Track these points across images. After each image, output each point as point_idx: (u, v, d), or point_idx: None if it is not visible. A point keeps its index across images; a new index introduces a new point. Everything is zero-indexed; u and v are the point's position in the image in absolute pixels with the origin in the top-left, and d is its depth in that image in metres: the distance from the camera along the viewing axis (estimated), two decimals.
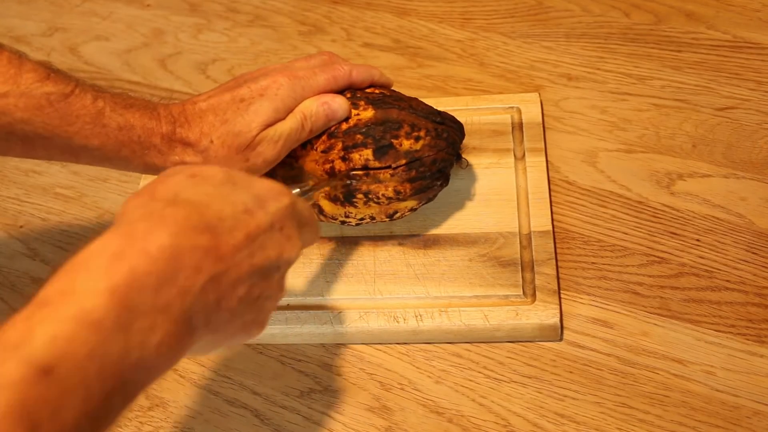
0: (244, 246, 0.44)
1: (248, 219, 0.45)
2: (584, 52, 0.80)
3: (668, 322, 0.62)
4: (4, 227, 0.76)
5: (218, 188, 0.46)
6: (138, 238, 0.40)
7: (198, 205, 0.43)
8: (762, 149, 0.70)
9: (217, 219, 0.43)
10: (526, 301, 0.63)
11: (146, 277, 0.39)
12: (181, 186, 0.45)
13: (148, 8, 0.94)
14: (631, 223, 0.67)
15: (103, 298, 0.37)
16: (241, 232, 0.44)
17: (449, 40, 0.84)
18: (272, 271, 0.47)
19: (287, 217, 0.48)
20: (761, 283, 0.63)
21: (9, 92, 0.54)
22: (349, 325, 0.64)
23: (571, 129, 0.74)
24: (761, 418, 0.57)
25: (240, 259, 0.44)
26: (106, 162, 0.60)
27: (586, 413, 0.59)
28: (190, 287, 0.41)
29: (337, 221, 0.65)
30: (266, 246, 0.46)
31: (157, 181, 0.46)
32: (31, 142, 0.56)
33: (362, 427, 0.61)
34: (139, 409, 0.63)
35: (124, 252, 0.39)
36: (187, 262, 0.41)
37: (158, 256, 0.40)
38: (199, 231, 0.42)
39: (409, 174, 0.62)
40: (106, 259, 0.39)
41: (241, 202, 0.45)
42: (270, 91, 0.61)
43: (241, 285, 0.44)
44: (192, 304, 0.41)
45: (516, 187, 0.69)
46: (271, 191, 0.48)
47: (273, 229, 0.46)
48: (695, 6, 0.81)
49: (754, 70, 0.76)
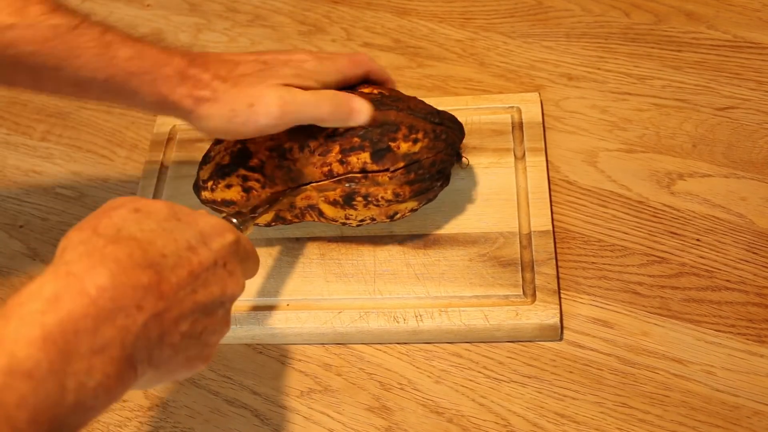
0: (186, 283, 0.44)
1: (191, 256, 0.45)
2: (584, 51, 0.80)
3: (668, 322, 0.62)
4: (4, 227, 0.77)
5: (162, 224, 0.45)
6: (76, 278, 0.40)
7: (141, 242, 0.43)
8: (762, 149, 0.70)
9: (160, 256, 0.43)
10: (526, 301, 0.63)
11: (83, 319, 0.39)
12: (124, 221, 0.45)
13: (148, 8, 0.94)
14: (631, 222, 0.67)
15: (35, 346, 0.37)
16: (184, 269, 0.44)
17: (449, 40, 0.84)
18: (216, 306, 0.47)
19: (230, 253, 0.48)
20: (761, 282, 0.63)
21: (15, 24, 0.54)
22: (349, 325, 0.64)
23: (572, 129, 0.74)
24: (761, 418, 0.57)
25: (183, 296, 0.44)
26: (114, 95, 0.58)
27: (586, 413, 0.59)
28: (130, 326, 0.40)
29: (338, 223, 0.65)
30: (209, 283, 0.46)
31: (100, 213, 0.46)
32: (38, 74, 0.56)
33: (362, 427, 0.61)
34: (139, 409, 0.63)
35: (59, 295, 0.39)
36: (127, 302, 0.41)
37: (97, 297, 0.40)
38: (141, 269, 0.42)
39: (408, 176, 0.62)
40: (40, 304, 0.39)
41: (184, 239, 0.46)
42: (293, 63, 0.61)
43: (183, 321, 0.44)
44: (133, 342, 0.41)
45: (516, 187, 0.69)
46: (214, 228, 0.48)
47: (216, 266, 0.47)
48: (695, 6, 0.81)
49: (754, 70, 0.76)
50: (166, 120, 0.80)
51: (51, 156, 0.81)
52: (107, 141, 0.81)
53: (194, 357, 0.46)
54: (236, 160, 0.64)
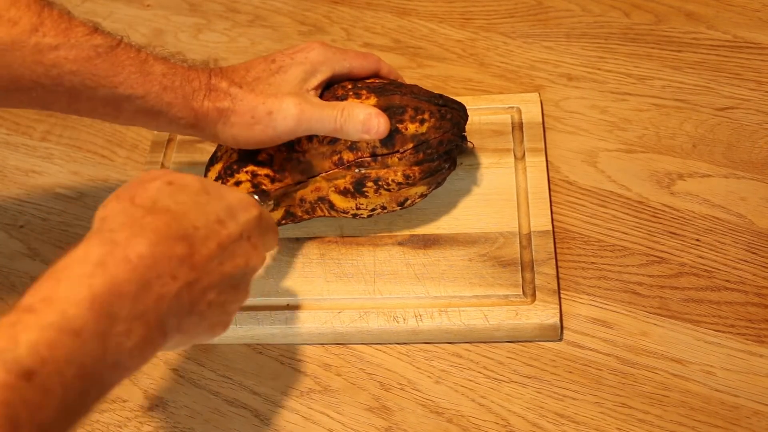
0: (215, 255, 0.47)
1: (220, 229, 0.48)
2: (584, 52, 0.80)
3: (668, 322, 0.62)
4: (4, 227, 0.77)
5: (194, 197, 0.48)
6: (119, 246, 0.43)
7: (175, 214, 0.46)
8: (762, 149, 0.70)
9: (193, 228, 0.46)
10: (526, 300, 0.63)
11: (126, 285, 0.42)
12: (159, 193, 0.47)
13: (148, 8, 0.94)
14: (631, 223, 0.67)
15: (83, 307, 0.40)
16: (213, 241, 0.47)
17: (449, 40, 0.84)
18: (239, 277, 0.50)
19: (255, 227, 0.51)
20: (761, 283, 0.63)
21: (61, 44, 0.56)
22: (349, 325, 0.64)
23: (572, 129, 0.74)
24: (761, 418, 0.57)
25: (212, 267, 0.47)
26: (146, 113, 0.60)
27: (586, 413, 0.59)
28: (165, 294, 0.43)
29: (349, 214, 0.66)
30: (235, 255, 0.49)
31: (135, 184, 0.48)
32: (76, 94, 0.58)
33: (362, 427, 0.61)
34: (139, 409, 0.63)
35: (105, 260, 0.42)
36: (164, 270, 0.43)
37: (138, 264, 0.42)
38: (176, 240, 0.45)
39: (417, 157, 0.63)
40: (88, 268, 0.41)
41: (214, 212, 0.48)
42: (300, 56, 0.63)
43: (211, 291, 0.47)
44: (167, 309, 0.43)
45: (516, 187, 0.69)
46: (241, 202, 0.51)
47: (242, 239, 0.50)
48: (695, 6, 0.81)
49: (754, 70, 0.76)
50: None
51: (51, 156, 0.81)
52: (107, 141, 0.81)
53: (216, 324, 0.50)
54: (244, 156, 0.64)
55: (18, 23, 0.55)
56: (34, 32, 0.56)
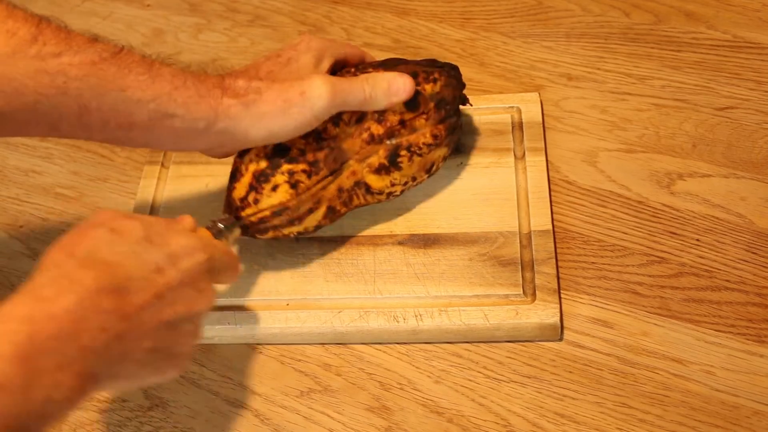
0: (150, 304, 0.47)
1: (157, 278, 0.48)
2: (584, 51, 0.80)
3: (668, 322, 0.62)
4: (4, 227, 0.76)
5: (133, 246, 0.48)
6: (46, 302, 0.43)
7: (110, 265, 0.46)
8: (762, 149, 0.70)
9: (126, 279, 0.47)
10: (526, 300, 0.63)
11: (50, 340, 0.42)
12: (98, 243, 0.48)
13: (148, 8, 0.94)
14: (631, 222, 0.67)
15: (7, 362, 0.41)
16: (148, 292, 0.47)
17: (449, 40, 0.84)
18: (182, 322, 0.50)
19: (200, 272, 0.51)
20: (761, 282, 0.63)
21: (63, 52, 0.55)
22: (349, 325, 0.64)
23: (571, 129, 0.74)
24: (761, 418, 0.57)
25: (146, 316, 0.47)
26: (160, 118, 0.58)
27: (586, 413, 0.59)
28: (93, 346, 0.44)
29: (384, 195, 0.67)
30: (176, 302, 0.49)
31: (80, 232, 0.49)
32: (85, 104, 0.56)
33: (362, 427, 0.61)
34: (139, 409, 0.63)
35: (31, 316, 0.43)
36: (92, 323, 0.44)
37: (63, 319, 0.43)
38: (105, 293, 0.45)
39: (440, 114, 0.65)
40: (14, 324, 0.42)
41: (153, 261, 0.48)
42: (302, 46, 0.64)
43: (146, 339, 0.47)
44: (95, 361, 0.44)
45: (516, 187, 0.69)
46: (185, 249, 0.51)
47: (183, 286, 0.50)
48: (695, 6, 0.81)
49: (754, 70, 0.76)
50: None
51: (51, 156, 0.81)
52: None
53: (164, 366, 0.50)
54: (274, 158, 0.62)
55: (17, 33, 0.55)
56: (34, 41, 0.55)
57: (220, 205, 0.66)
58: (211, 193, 0.73)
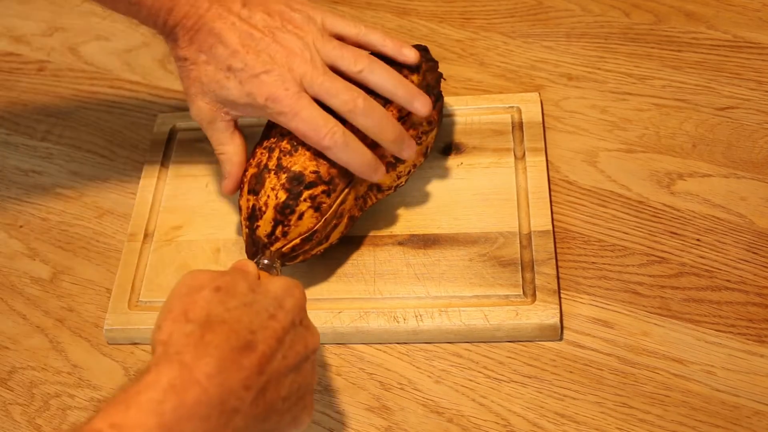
0: (276, 350, 0.47)
1: (274, 324, 0.48)
2: (584, 51, 0.80)
3: (668, 322, 0.62)
4: (4, 227, 0.76)
5: (242, 300, 0.48)
6: (188, 368, 0.43)
7: (231, 324, 0.46)
8: (762, 149, 0.70)
9: (251, 333, 0.46)
10: (526, 300, 0.63)
11: (196, 407, 0.42)
12: (210, 304, 0.47)
13: None
14: (631, 222, 0.67)
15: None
16: (272, 339, 0.47)
17: (449, 40, 0.84)
18: (303, 362, 0.49)
19: (301, 308, 0.51)
20: (761, 282, 0.63)
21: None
22: (349, 325, 0.64)
23: (572, 129, 0.74)
24: (761, 418, 0.57)
25: (276, 365, 0.47)
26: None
27: (586, 413, 0.59)
28: (239, 406, 0.44)
29: (392, 189, 0.67)
30: (294, 343, 0.49)
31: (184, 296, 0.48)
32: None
33: (362, 427, 0.60)
34: None
35: (175, 384, 0.42)
36: (235, 384, 0.43)
37: (207, 385, 0.42)
38: (240, 351, 0.45)
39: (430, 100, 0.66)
40: (158, 393, 0.41)
41: (264, 309, 0.48)
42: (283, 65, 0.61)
43: (281, 387, 0.47)
44: (241, 421, 0.43)
45: (516, 187, 0.69)
46: (283, 289, 0.51)
47: (294, 325, 0.50)
48: (695, 6, 0.81)
49: (754, 70, 0.76)
50: (166, 120, 0.80)
51: (51, 156, 0.81)
52: (107, 141, 0.81)
53: (298, 412, 0.50)
54: (293, 189, 0.61)
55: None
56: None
57: (221, 205, 0.66)
58: (211, 193, 0.73)
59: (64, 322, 0.70)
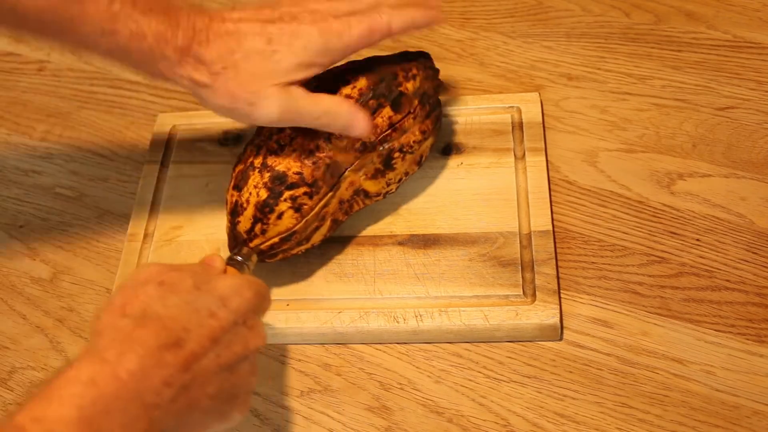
0: (209, 350, 0.47)
1: (212, 323, 0.48)
2: (584, 51, 0.80)
3: (668, 322, 0.62)
4: (4, 227, 0.77)
5: (184, 297, 0.49)
6: (109, 364, 0.44)
7: (166, 320, 0.47)
8: (762, 149, 0.70)
9: (184, 331, 0.47)
10: (526, 300, 0.63)
11: (115, 401, 0.43)
12: (150, 299, 0.48)
13: None
14: (631, 222, 0.67)
15: (72, 426, 0.41)
16: (206, 338, 0.48)
17: (449, 40, 0.84)
18: (240, 362, 0.50)
19: (250, 309, 0.51)
20: (761, 282, 0.63)
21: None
22: (349, 325, 0.64)
23: (572, 129, 0.74)
24: (761, 417, 0.57)
25: (206, 363, 0.47)
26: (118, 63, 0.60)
27: (586, 413, 0.59)
28: (159, 402, 0.44)
29: (381, 196, 0.67)
30: (232, 343, 0.49)
31: (128, 290, 0.49)
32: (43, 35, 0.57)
33: (362, 426, 0.61)
34: None
35: (95, 379, 0.43)
36: (156, 380, 0.44)
37: (127, 380, 0.44)
38: (166, 348, 0.46)
39: (425, 110, 0.66)
40: (78, 387, 0.43)
41: (205, 307, 0.49)
42: (298, 43, 0.58)
43: (209, 385, 0.47)
44: (161, 416, 0.44)
45: (516, 187, 0.69)
46: (232, 288, 0.51)
47: (236, 325, 0.50)
48: (695, 6, 0.81)
49: (754, 70, 0.76)
50: (166, 120, 0.80)
51: (51, 156, 0.81)
52: (107, 141, 0.81)
53: (227, 410, 0.50)
54: (275, 188, 0.61)
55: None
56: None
57: (220, 205, 0.66)
58: (211, 193, 0.73)
59: (64, 322, 0.70)
